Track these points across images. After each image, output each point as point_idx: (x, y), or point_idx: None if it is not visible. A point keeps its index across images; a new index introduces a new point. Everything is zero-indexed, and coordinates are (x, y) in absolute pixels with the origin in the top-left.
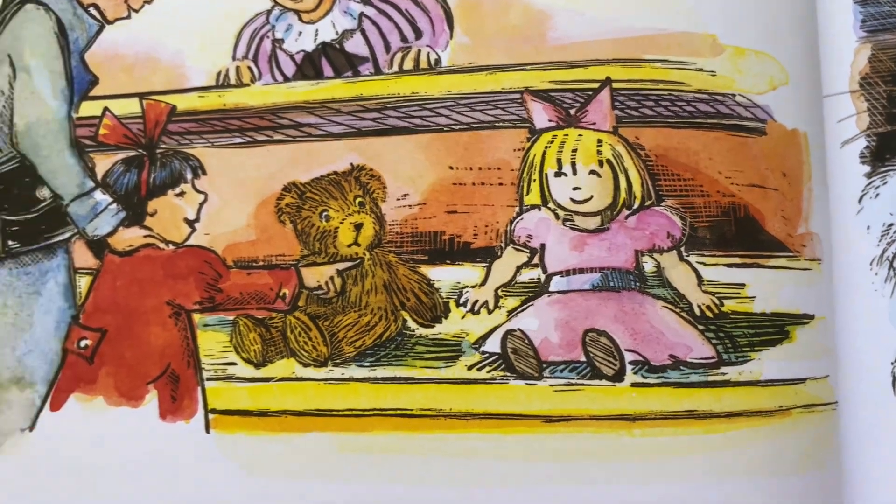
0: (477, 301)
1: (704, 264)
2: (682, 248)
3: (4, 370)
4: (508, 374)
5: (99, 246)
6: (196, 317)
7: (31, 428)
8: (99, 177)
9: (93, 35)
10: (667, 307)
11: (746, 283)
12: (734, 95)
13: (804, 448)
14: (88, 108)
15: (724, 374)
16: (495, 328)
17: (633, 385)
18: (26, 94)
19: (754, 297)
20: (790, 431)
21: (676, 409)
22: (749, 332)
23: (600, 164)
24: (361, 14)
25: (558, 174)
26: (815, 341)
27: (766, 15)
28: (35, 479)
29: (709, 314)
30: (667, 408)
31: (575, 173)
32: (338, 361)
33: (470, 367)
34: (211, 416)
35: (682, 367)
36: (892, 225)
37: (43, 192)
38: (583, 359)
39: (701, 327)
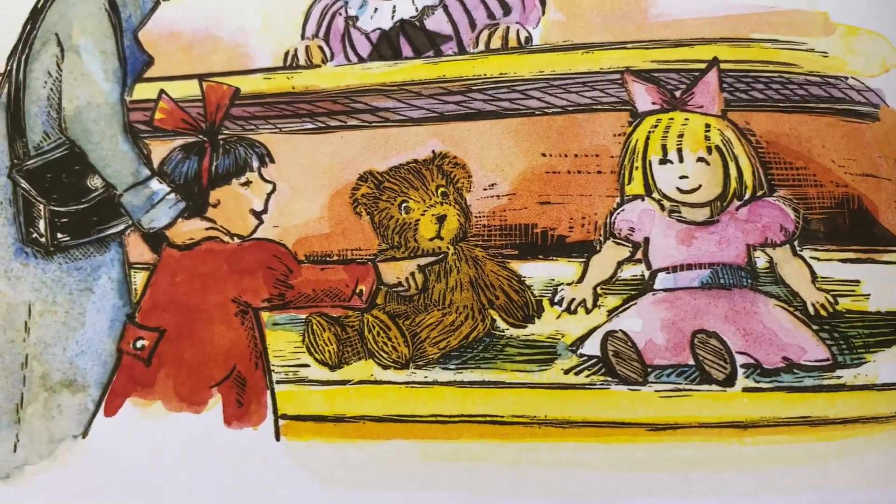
0: (574, 300)
1: (818, 259)
2: (796, 242)
3: (55, 372)
4: (609, 378)
5: (156, 239)
6: (264, 315)
7: (85, 435)
8: (155, 165)
9: (147, 12)
10: (780, 306)
11: (861, 280)
12: (846, 78)
13: None
14: (143, 91)
15: (839, 377)
16: (594, 329)
17: (745, 390)
18: (75, 76)
19: (869, 294)
20: None
21: (789, 416)
22: (864, 332)
23: (709, 150)
24: None
25: (663, 161)
26: None
27: None
28: (89, 490)
29: (823, 313)
30: (779, 414)
31: (681, 160)
32: (420, 364)
33: (566, 371)
34: (281, 422)
35: (795, 371)
36: None
37: (94, 181)
38: (691, 362)
39: (815, 327)
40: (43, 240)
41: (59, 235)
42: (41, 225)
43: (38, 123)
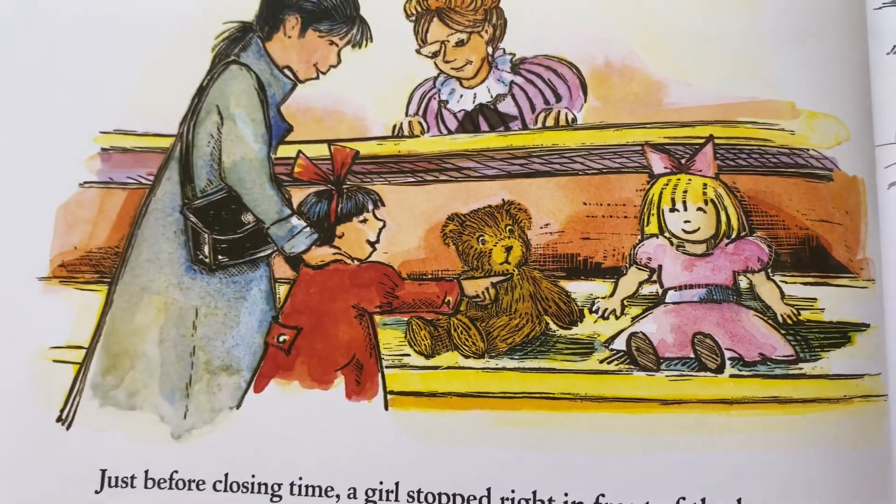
0: (607, 309)
1: (786, 282)
2: (769, 270)
3: (216, 359)
4: (632, 367)
5: (295, 261)
6: (377, 318)
7: (238, 406)
8: (295, 206)
9: (287, 91)
10: (757, 315)
11: (818, 298)
12: (808, 150)
13: (862, 430)
14: (285, 151)
15: (800, 369)
16: (622, 331)
17: (731, 376)
18: (232, 138)
19: (824, 308)
20: (852, 416)
21: (764, 396)
22: (820, 336)
23: (706, 202)
24: (512, 82)
25: (672, 210)
26: (870, 345)
27: (834, 85)
28: (242, 450)
29: (789, 322)
30: (757, 394)
31: (685, 210)
32: (493, 354)
33: (601, 361)
34: (389, 396)
35: (768, 363)
36: None
37: (247, 217)
38: (692, 356)
39: (783, 332)
40: (207, 260)
41: (220, 257)
42: (206, 249)
43: (203, 173)
